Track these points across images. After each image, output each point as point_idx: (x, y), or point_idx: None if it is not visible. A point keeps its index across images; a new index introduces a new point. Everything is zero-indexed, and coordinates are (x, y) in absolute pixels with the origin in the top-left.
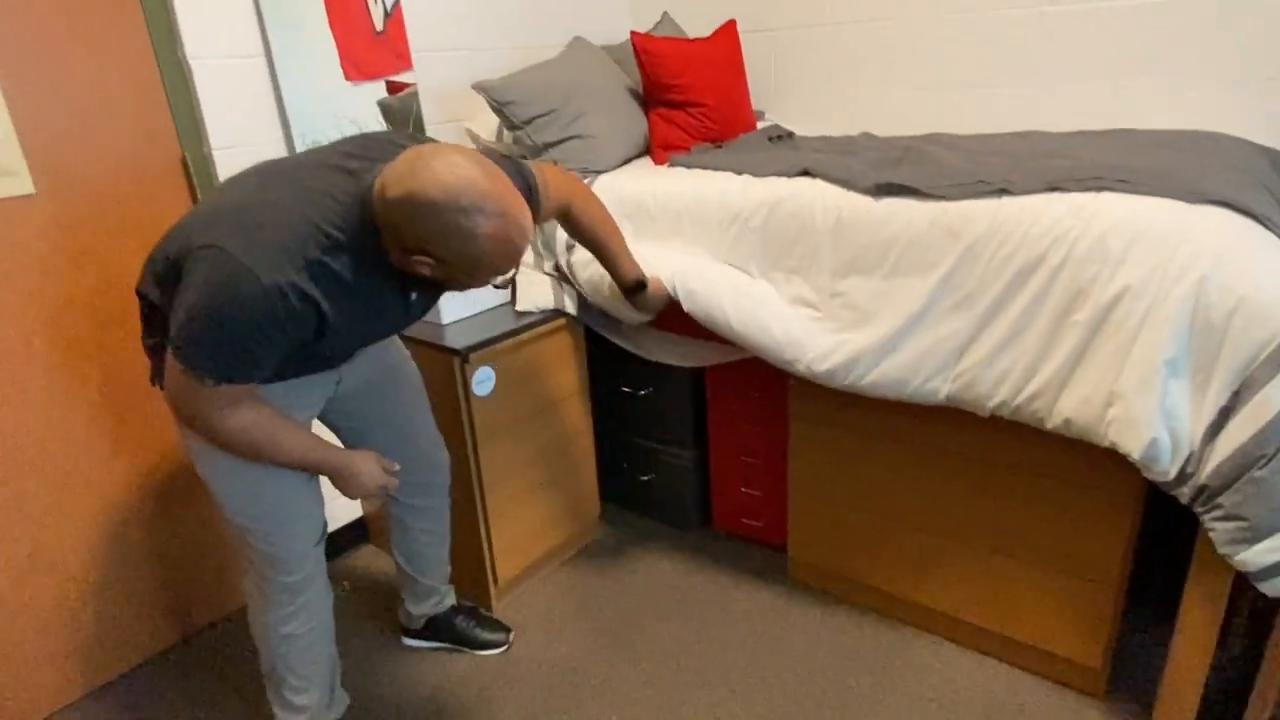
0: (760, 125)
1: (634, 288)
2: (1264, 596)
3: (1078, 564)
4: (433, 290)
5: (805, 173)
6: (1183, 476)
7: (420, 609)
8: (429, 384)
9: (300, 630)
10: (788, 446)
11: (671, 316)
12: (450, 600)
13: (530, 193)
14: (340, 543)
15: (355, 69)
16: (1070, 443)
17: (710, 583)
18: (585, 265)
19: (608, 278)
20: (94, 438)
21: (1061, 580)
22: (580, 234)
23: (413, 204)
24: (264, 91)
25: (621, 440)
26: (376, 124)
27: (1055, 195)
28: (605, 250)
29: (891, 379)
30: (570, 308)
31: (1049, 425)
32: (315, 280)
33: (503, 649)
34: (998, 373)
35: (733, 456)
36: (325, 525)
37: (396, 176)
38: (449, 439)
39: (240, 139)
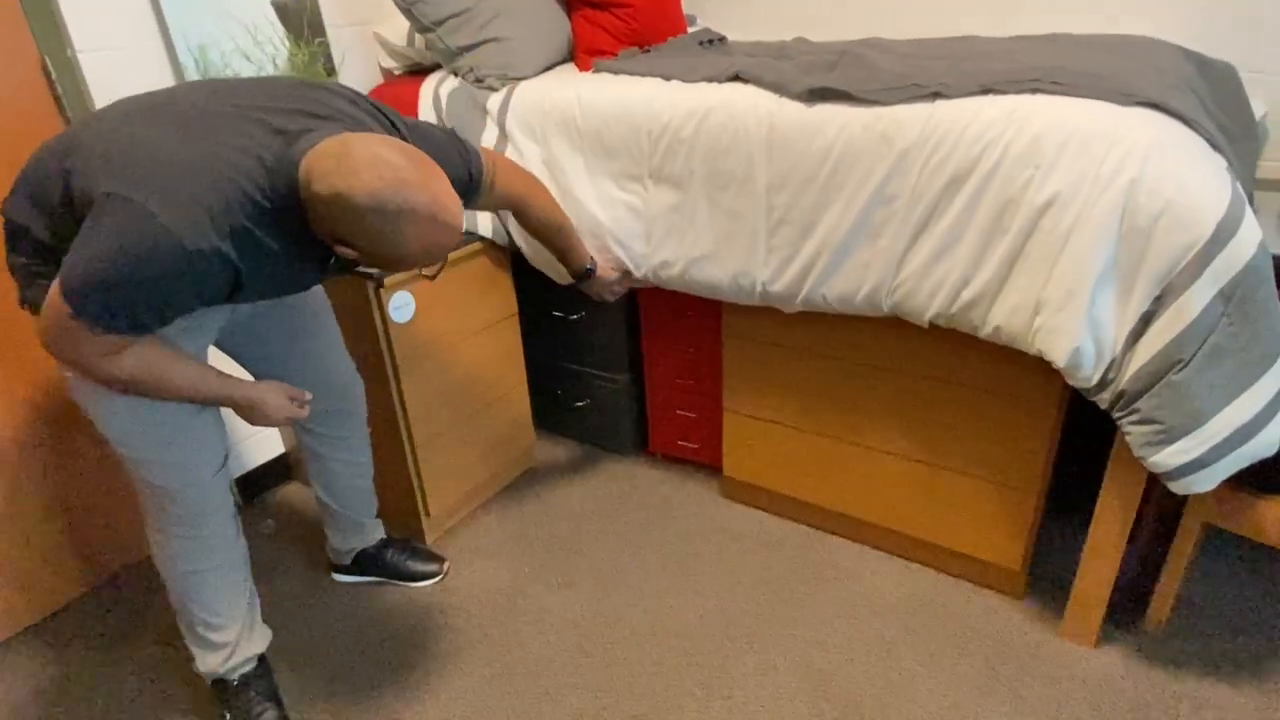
0: (691, 30)
1: (582, 275)
2: (1171, 498)
3: (1000, 472)
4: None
5: (736, 77)
6: (1104, 382)
7: (347, 543)
8: (344, 311)
9: (205, 565)
10: (721, 366)
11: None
12: (379, 533)
13: (470, 180)
14: (263, 480)
15: None
16: (993, 355)
17: (646, 505)
18: (523, 234)
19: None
20: None
21: (984, 488)
22: (531, 227)
23: (338, 205)
24: None
25: (554, 367)
26: (270, 27)
27: (989, 98)
28: (555, 243)
29: (838, 294)
30: (485, 230)
31: (983, 334)
32: (239, 248)
33: (437, 580)
34: (933, 283)
35: (668, 379)
36: (227, 453)
37: (322, 172)
38: (369, 369)
39: (109, 41)
